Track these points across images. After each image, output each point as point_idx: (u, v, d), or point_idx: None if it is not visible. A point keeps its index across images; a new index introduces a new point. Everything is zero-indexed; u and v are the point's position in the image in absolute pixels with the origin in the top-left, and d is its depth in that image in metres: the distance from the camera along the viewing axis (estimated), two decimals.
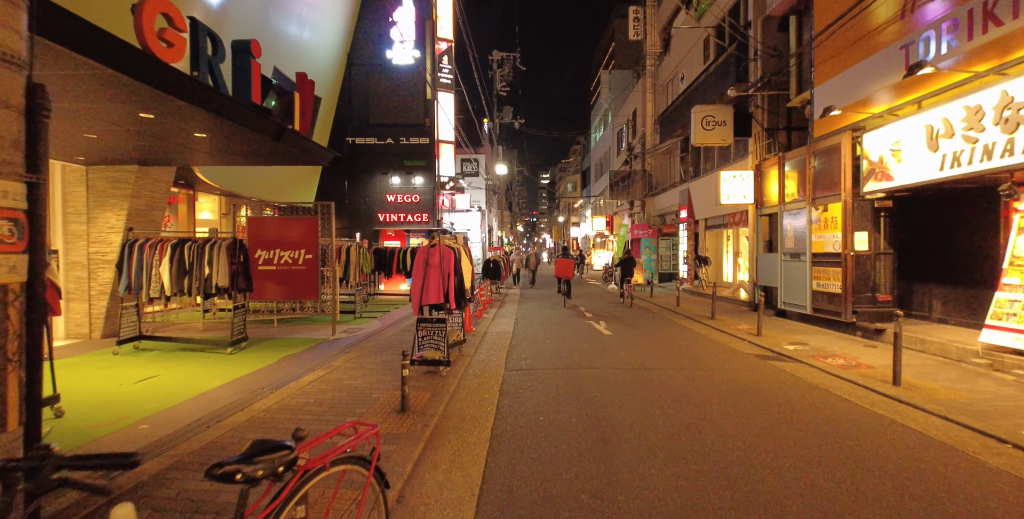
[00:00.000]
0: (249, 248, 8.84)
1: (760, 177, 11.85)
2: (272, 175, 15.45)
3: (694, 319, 10.96)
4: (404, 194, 18.36)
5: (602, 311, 12.56)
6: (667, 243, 22.38)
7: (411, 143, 18.37)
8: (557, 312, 12.41)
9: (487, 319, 10.99)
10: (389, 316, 11.37)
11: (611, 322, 10.54)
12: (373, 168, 18.44)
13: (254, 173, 14.29)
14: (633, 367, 6.46)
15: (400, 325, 9.92)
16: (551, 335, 9.00)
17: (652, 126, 23.22)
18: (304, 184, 17.60)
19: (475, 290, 8.03)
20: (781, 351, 7.47)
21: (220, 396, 5.19)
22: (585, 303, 14.49)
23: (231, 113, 5.36)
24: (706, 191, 17.15)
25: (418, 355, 6.07)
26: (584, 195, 47.81)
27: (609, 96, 32.98)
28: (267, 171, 15.02)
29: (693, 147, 18.93)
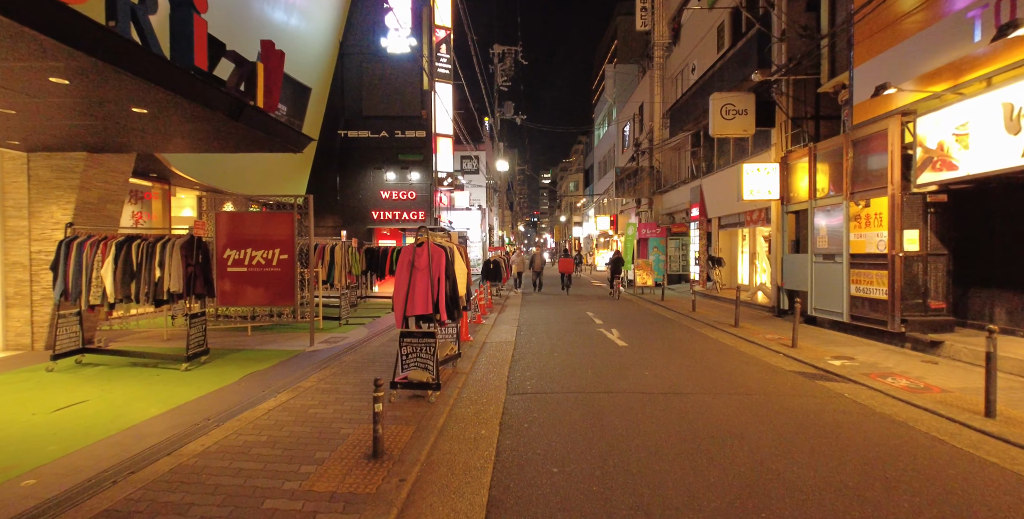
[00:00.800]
0: (217, 247, 7.82)
1: (786, 170, 10.79)
2: (256, 169, 14.42)
3: (715, 326, 9.91)
4: (399, 190, 17.32)
5: (613, 316, 11.51)
6: (676, 243, 21.32)
7: (407, 136, 17.34)
8: (563, 318, 11.36)
9: (486, 326, 9.96)
10: (378, 322, 10.33)
11: (625, 330, 9.49)
12: (366, 163, 17.42)
13: (235, 167, 13.27)
14: (660, 390, 5.41)
15: (389, 333, 8.88)
16: (559, 346, 7.95)
17: (660, 120, 22.18)
18: (293, 179, 16.58)
19: (472, 296, 6.98)
20: (826, 367, 6.43)
21: (150, 431, 4.15)
22: (593, 307, 13.43)
23: (167, 80, 4.32)
24: (721, 187, 16.11)
25: (401, 376, 5.03)
26: (587, 194, 46.78)
27: (614, 91, 31.91)
28: (250, 165, 14.01)
29: (705, 141, 17.89)
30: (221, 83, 5.07)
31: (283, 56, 6.10)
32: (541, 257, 17.80)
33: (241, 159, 13.57)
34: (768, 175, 10.82)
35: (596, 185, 41.34)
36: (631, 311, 12.71)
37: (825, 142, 9.56)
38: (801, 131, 11.03)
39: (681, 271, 21.15)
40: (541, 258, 17.65)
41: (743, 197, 10.85)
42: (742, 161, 14.02)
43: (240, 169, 13.71)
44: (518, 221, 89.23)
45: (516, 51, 31.48)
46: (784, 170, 10.81)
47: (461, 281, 5.54)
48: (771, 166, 10.87)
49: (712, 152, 17.32)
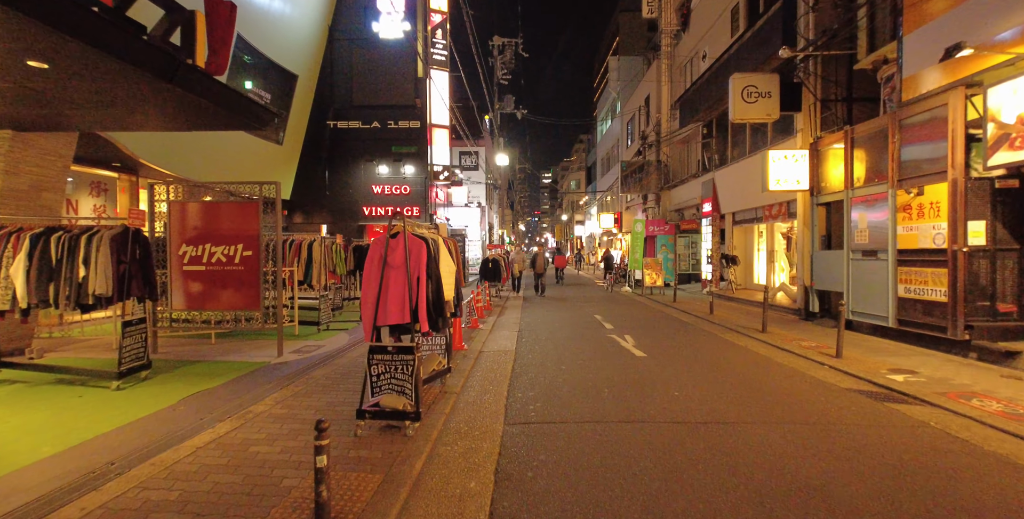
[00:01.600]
0: (172, 242, 6.76)
1: (816, 158, 9.71)
2: (236, 162, 13.38)
3: (740, 332, 8.84)
4: (392, 185, 16.25)
5: (624, 320, 10.43)
6: (686, 240, 20.23)
7: (400, 127, 16.27)
8: (569, 322, 10.29)
9: (484, 331, 8.89)
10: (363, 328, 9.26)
11: (640, 336, 8.41)
12: (357, 156, 16.35)
13: (213, 158, 12.23)
14: (698, 419, 4.33)
15: None
16: (566, 357, 6.88)
17: (668, 112, 21.10)
18: (278, 173, 15.52)
19: (464, 300, 5.90)
20: (888, 384, 5.35)
21: (24, 483, 3.09)
22: (601, 310, 12.35)
23: (51, 13, 3.25)
24: (735, 180, 15.04)
25: (371, 403, 3.97)
26: (589, 191, 45.70)
27: (617, 84, 30.85)
28: (229, 156, 12.98)
29: (718, 132, 16.82)
30: (138, 28, 4.00)
31: (234, 9, 5.04)
32: (543, 257, 15.06)
33: (219, 150, 12.54)
34: (796, 163, 9.74)
35: (599, 182, 40.27)
36: (643, 314, 11.63)
37: (865, 124, 8.48)
38: (831, 115, 9.95)
39: (691, 270, 20.07)
40: (543, 258, 15.06)
41: (768, 187, 9.77)
42: (764, 149, 12.94)
43: (218, 161, 12.67)
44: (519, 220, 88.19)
45: (516, 43, 30.41)
46: (814, 158, 9.73)
47: (448, 282, 4.48)
48: (799, 153, 9.78)
49: (725, 143, 16.24)
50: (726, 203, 16.05)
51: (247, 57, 14.22)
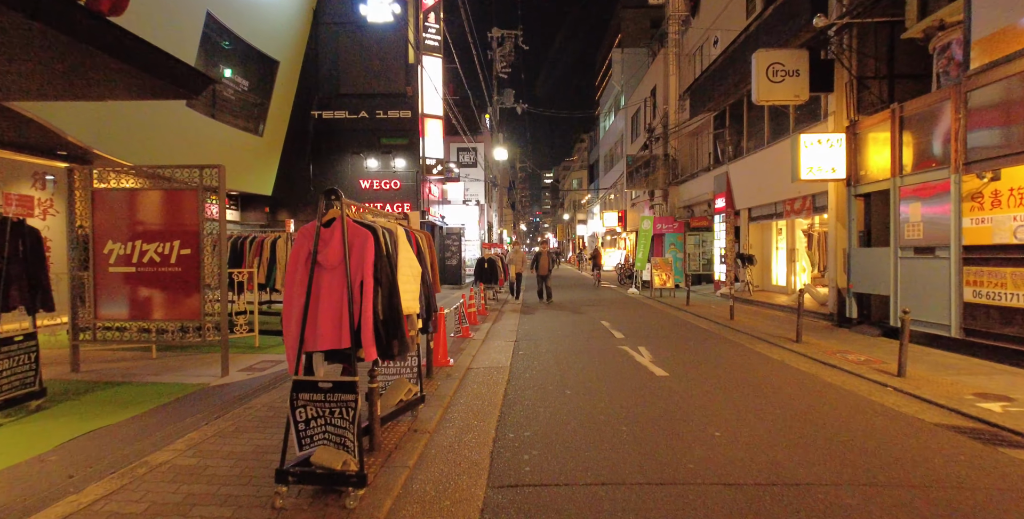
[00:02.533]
0: (95, 238, 5.61)
1: (854, 143, 8.53)
2: (207, 153, 12.23)
3: (770, 341, 7.66)
4: (382, 180, 15.10)
5: (635, 328, 9.24)
6: (696, 239, 19.03)
7: (390, 117, 15.12)
8: (573, 329, 9.11)
9: (475, 341, 7.72)
10: None
11: (657, 349, 7.23)
12: (343, 148, 15.21)
13: (179, 149, 11.10)
14: (756, 478, 3.14)
15: None
16: (571, 377, 5.70)
17: (676, 103, 19.93)
18: (257, 167, 14.39)
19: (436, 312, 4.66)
20: (984, 416, 4.17)
21: None
22: (608, 315, 11.16)
23: None
24: (752, 173, 13.86)
25: (297, 459, 2.80)
26: (592, 189, 44.53)
27: (621, 77, 29.68)
28: (198, 146, 11.84)
29: (732, 121, 15.62)
30: None
31: None
32: (548, 257, 13.23)
33: (188, 140, 11.43)
34: (831, 148, 8.54)
35: (602, 180, 39.09)
36: (656, 320, 10.44)
37: (917, 100, 7.29)
38: (869, 95, 8.76)
39: (702, 270, 18.87)
40: (548, 258, 13.21)
41: (799, 176, 8.57)
42: (786, 138, 11.76)
43: (188, 152, 11.56)
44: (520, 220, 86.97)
45: (516, 35, 29.27)
46: (851, 143, 8.54)
47: (410, 288, 3.31)
48: (835, 137, 8.59)
49: (740, 134, 15.06)
50: (741, 198, 14.86)
51: (225, 43, 13.11)
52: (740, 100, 14.91)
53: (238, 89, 13.33)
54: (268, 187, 14.91)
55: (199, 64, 11.20)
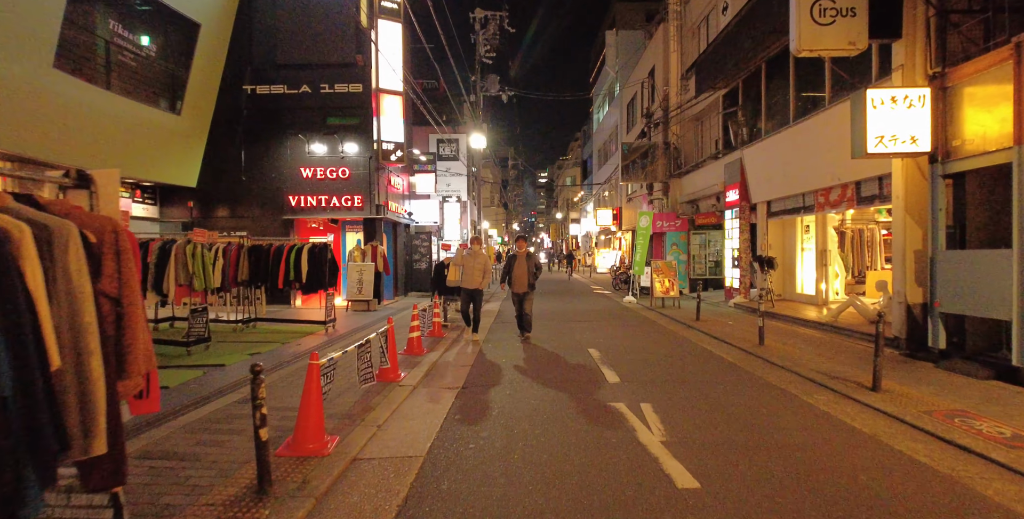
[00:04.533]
0: None
1: (944, 101, 6.08)
2: (112, 137, 9.78)
3: (832, 388, 5.20)
4: (328, 168, 12.58)
5: (635, 361, 6.76)
6: (701, 238, 16.64)
7: (337, 92, 12.60)
8: (548, 366, 6.62)
9: (401, 389, 5.25)
10: (229, 371, 5.59)
11: (670, 408, 4.74)
12: (282, 130, 12.67)
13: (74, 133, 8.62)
14: None
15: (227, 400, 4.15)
16: (522, 489, 3.22)
17: (678, 84, 17.50)
18: (177, 154, 11.83)
19: (145, 370, 2.13)
20: None
21: None
22: (598, 336, 8.67)
23: None
24: (774, 158, 11.44)
25: None
26: (585, 185, 42.08)
27: (616, 62, 27.23)
28: (99, 130, 9.39)
29: (746, 97, 13.16)
30: None
31: None
32: (528, 264, 8.04)
33: (86, 121, 8.95)
34: (911, 110, 6.07)
35: (595, 175, 36.66)
36: (660, 345, 7.97)
37: None
38: (959, 37, 6.30)
39: (709, 275, 16.46)
40: (527, 266, 8.03)
41: (866, 149, 6.10)
42: (815, 112, 9.33)
43: (87, 137, 9.14)
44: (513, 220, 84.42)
45: (501, 17, 26.78)
46: (940, 100, 6.09)
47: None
48: (918, 93, 6.11)
49: (757, 112, 12.63)
50: (759, 189, 12.44)
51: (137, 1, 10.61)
52: (757, 72, 12.49)
53: (141, 54, 10.76)
54: (192, 178, 12.36)
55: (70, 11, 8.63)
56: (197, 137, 12.48)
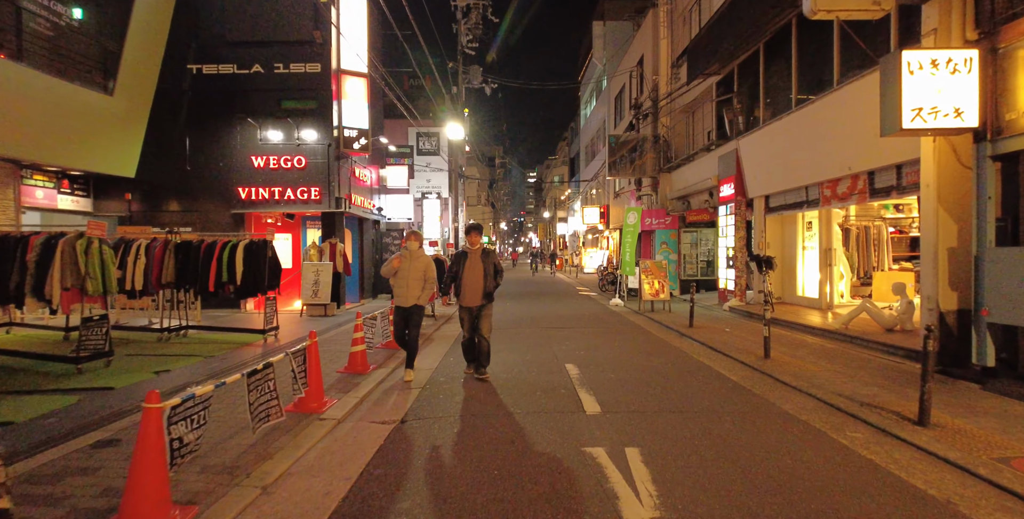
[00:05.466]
0: None
1: (994, 66, 5.03)
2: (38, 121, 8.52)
3: (865, 420, 4.14)
4: (282, 156, 11.32)
5: (623, 380, 5.63)
6: (693, 236, 15.61)
7: (293, 72, 11.35)
8: (516, 387, 5.48)
9: (319, 426, 4.07)
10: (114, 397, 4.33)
11: (663, 454, 3.61)
12: (231, 114, 11.40)
13: None
14: None
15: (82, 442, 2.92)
16: None
17: (669, 72, 16.48)
18: (111, 140, 10.49)
19: None
20: None
21: None
22: (579, 350, 7.54)
23: None
24: (775, 147, 10.41)
25: None
26: (572, 183, 41.05)
27: (604, 54, 26.19)
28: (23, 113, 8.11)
29: (742, 81, 12.11)
30: None
31: None
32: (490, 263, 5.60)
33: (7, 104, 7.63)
34: (954, 75, 4.99)
35: (583, 173, 35.62)
36: (650, 358, 6.85)
37: None
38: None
39: (700, 276, 15.44)
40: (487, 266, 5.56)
41: (900, 125, 5.02)
42: (823, 93, 8.27)
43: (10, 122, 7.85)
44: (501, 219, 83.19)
45: (484, 5, 25.60)
46: (989, 66, 5.03)
47: None
48: (964, 56, 5.03)
49: (755, 98, 11.60)
50: (756, 183, 11.42)
51: None
52: (754, 55, 11.46)
53: (58, 22, 9.43)
54: (130, 167, 11.03)
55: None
56: (135, 122, 11.15)
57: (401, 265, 5.45)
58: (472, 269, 5.51)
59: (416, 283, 5.44)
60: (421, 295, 5.47)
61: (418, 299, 5.46)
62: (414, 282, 5.43)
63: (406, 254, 5.50)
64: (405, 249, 5.53)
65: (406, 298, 5.45)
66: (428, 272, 5.51)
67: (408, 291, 5.44)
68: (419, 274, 5.46)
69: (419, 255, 5.52)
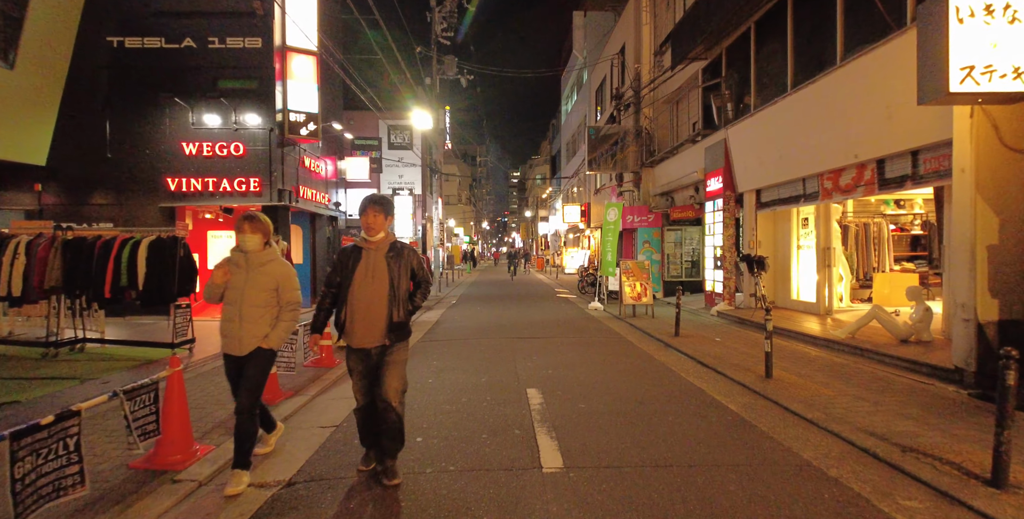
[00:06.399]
0: None
1: None
2: None
3: (919, 478, 3.05)
4: (217, 143, 9.99)
5: (592, 414, 4.51)
6: (676, 236, 14.62)
7: (230, 47, 10.02)
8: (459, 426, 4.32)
9: (159, 504, 2.84)
10: None
11: None
12: (158, 94, 10.01)
13: None
14: None
15: None
16: None
17: (652, 60, 15.49)
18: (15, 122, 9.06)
19: None
20: None
21: None
22: (547, 367, 6.41)
23: None
24: (767, 136, 9.41)
25: None
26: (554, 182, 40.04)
27: (584, 46, 25.16)
28: None
29: (732, 63, 11.09)
30: None
31: None
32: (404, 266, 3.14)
33: None
34: (1013, 24, 3.93)
35: (564, 170, 34.59)
36: (629, 379, 5.74)
37: None
38: None
39: (685, 277, 14.45)
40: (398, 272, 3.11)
41: (947, 87, 3.96)
42: (825, 71, 7.26)
43: None
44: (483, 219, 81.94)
45: None
46: None
47: None
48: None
49: (746, 83, 10.60)
50: (746, 176, 10.43)
51: None
52: (745, 35, 10.47)
53: None
54: (40, 153, 9.62)
55: None
56: (45, 101, 9.72)
57: (230, 280, 3.11)
58: (369, 279, 3.06)
59: (258, 311, 3.08)
60: (272, 333, 3.13)
61: (265, 339, 3.11)
62: (255, 310, 3.08)
63: (238, 259, 3.13)
64: (236, 251, 3.16)
65: (240, 338, 3.06)
66: (285, 289, 3.17)
67: (243, 325, 3.05)
68: (263, 294, 3.10)
69: (264, 258, 3.14)
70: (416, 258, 3.23)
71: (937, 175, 6.09)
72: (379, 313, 3.05)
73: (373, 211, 3.11)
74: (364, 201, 3.17)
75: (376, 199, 3.17)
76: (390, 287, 3.08)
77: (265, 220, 3.19)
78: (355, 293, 3.06)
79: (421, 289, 3.29)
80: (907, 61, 6.07)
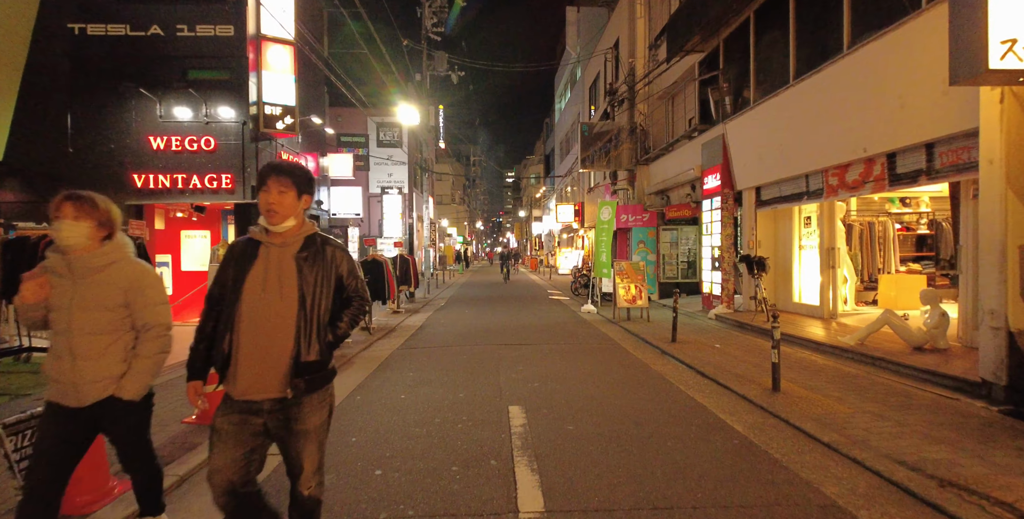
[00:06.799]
0: None
1: None
2: None
3: None
4: (187, 137, 9.41)
5: (581, 438, 4.00)
6: (672, 235, 14.16)
7: (199, 35, 9.45)
8: (428, 458, 3.78)
9: None
10: None
11: None
12: (120, 84, 9.40)
13: None
14: None
15: None
16: None
17: (646, 54, 15.01)
18: None
19: None
20: None
21: None
22: (532, 380, 5.89)
23: None
24: (768, 131, 8.93)
25: None
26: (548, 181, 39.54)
27: (578, 42, 24.68)
28: None
29: (730, 54, 10.59)
30: None
31: None
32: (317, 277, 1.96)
33: None
34: None
35: (558, 169, 34.10)
36: (623, 393, 5.24)
37: None
38: None
39: (681, 278, 13.98)
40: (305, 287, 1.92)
41: (987, 63, 3.46)
42: (831, 60, 6.79)
43: None
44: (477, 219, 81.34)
45: None
46: None
47: None
48: None
49: (745, 76, 10.13)
50: (745, 173, 9.96)
51: None
52: (744, 25, 10.00)
53: None
54: None
55: None
56: (1, 93, 9.10)
57: (49, 296, 2.07)
58: (267, 291, 1.91)
59: (98, 341, 2.09)
60: (129, 374, 2.15)
61: (118, 386, 2.13)
62: (92, 340, 2.08)
63: (57, 264, 2.07)
64: (55, 252, 2.08)
65: (75, 383, 2.07)
66: (138, 304, 2.15)
67: (77, 364, 2.07)
68: (104, 314, 2.11)
69: (99, 260, 2.09)
70: (347, 261, 2.05)
71: (955, 169, 5.62)
72: (280, 346, 1.88)
73: (277, 184, 1.91)
74: (264, 168, 1.97)
75: (283, 167, 1.98)
76: (300, 305, 1.90)
77: (102, 201, 2.11)
78: (244, 313, 1.88)
79: (351, 309, 2.07)
80: (923, 46, 5.62)
